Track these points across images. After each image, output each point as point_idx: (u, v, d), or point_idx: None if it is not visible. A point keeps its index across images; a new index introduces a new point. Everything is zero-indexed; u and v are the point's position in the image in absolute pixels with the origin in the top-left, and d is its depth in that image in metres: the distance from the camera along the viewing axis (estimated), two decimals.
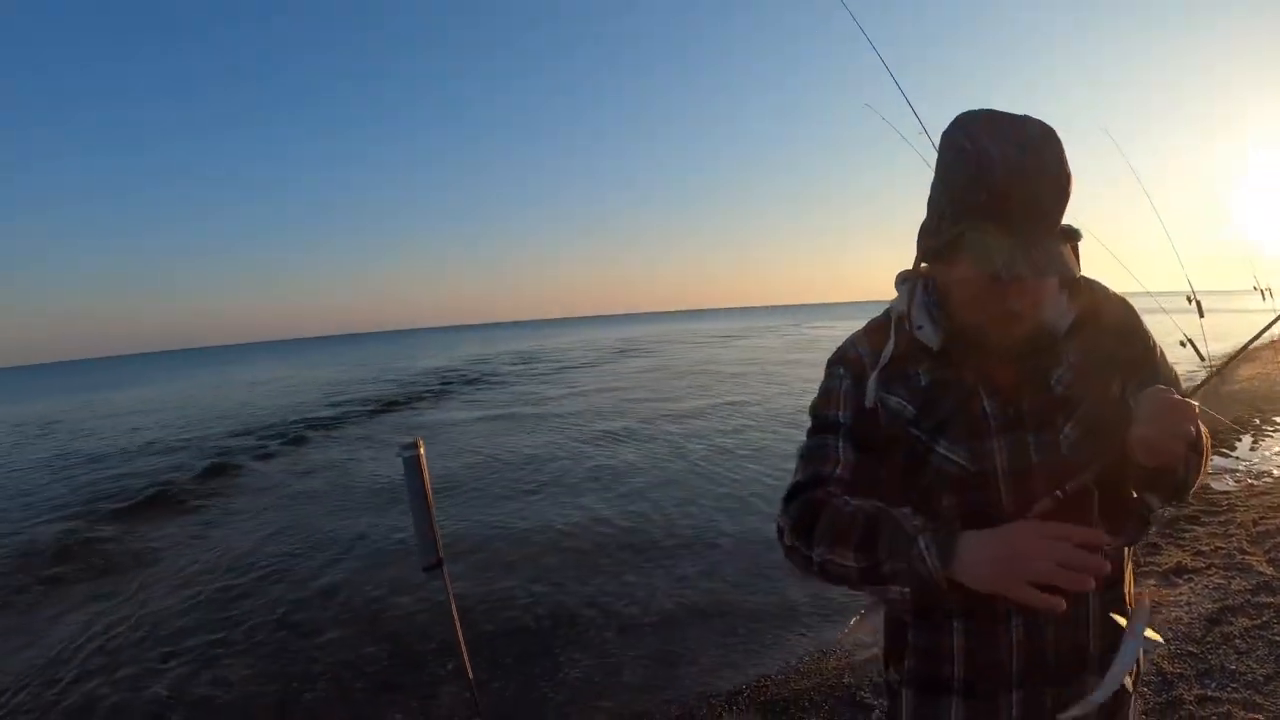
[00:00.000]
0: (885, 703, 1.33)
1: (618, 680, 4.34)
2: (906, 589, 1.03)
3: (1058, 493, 1.04)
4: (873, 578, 1.03)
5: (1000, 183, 0.95)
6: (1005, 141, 0.95)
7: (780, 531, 1.15)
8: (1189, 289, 5.32)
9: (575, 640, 4.92)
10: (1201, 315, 5.27)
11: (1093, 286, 1.17)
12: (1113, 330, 1.15)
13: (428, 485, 2.87)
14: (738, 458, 10.44)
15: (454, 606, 2.97)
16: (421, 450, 2.87)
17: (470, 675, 3.05)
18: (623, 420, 14.67)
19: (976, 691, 1.14)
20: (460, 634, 2.94)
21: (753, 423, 13.15)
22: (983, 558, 0.95)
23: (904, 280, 1.20)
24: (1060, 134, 0.99)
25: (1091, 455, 1.06)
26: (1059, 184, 0.97)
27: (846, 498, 1.10)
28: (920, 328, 1.13)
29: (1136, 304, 1.18)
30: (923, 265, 1.15)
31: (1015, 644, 1.11)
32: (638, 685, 4.27)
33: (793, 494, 1.16)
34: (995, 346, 1.09)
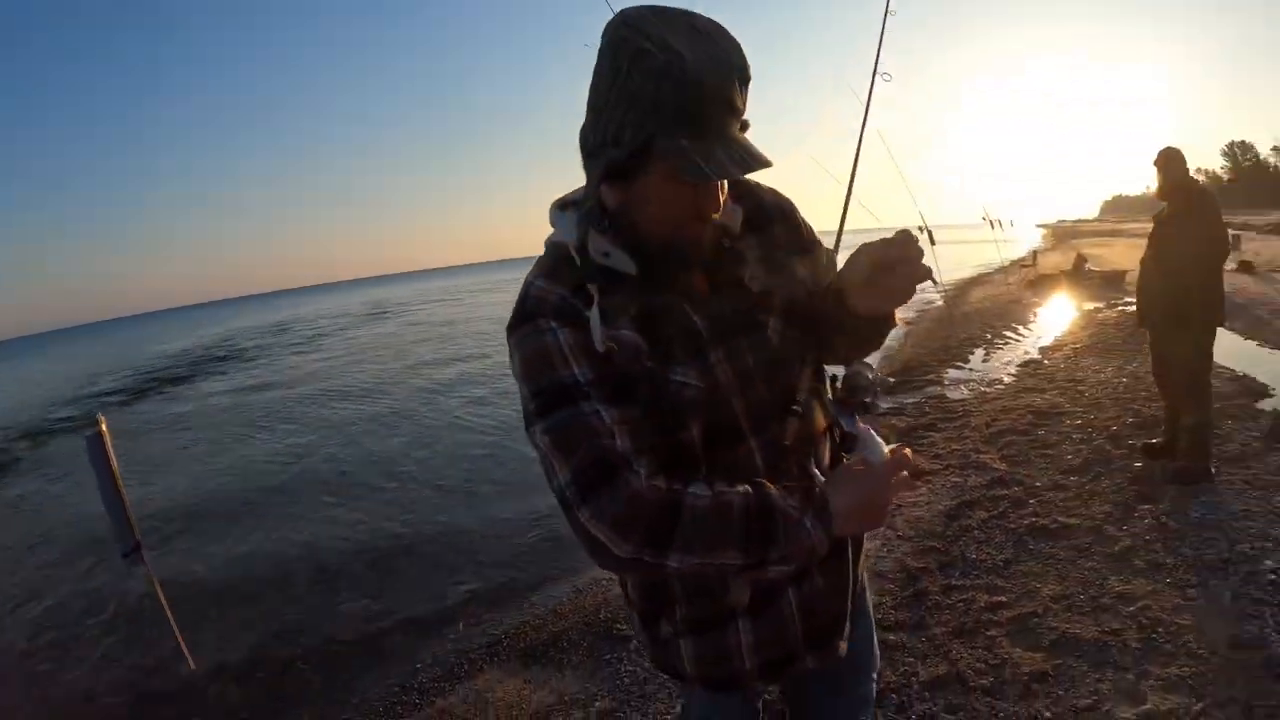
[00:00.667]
0: (647, 646, 1.37)
1: (374, 649, 4.50)
2: (794, 565, 1.09)
3: (795, 407, 1.22)
4: (756, 567, 1.06)
5: (694, 82, 0.97)
6: (690, 39, 0.97)
7: (595, 544, 1.05)
8: (921, 220, 6.02)
9: (321, 615, 5.10)
10: (933, 243, 5.98)
11: (749, 183, 1.26)
12: (778, 218, 1.27)
13: (114, 465, 2.97)
14: (484, 419, 10.96)
15: (159, 590, 3.13)
16: (104, 427, 2.98)
17: (191, 665, 3.38)
18: (370, 387, 15.45)
19: (758, 605, 1.23)
20: (173, 618, 3.19)
21: (503, 383, 13.49)
22: (854, 511, 1.10)
23: (564, 207, 1.18)
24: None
25: (802, 341, 1.23)
26: (745, 77, 1.02)
27: (694, 490, 1.05)
28: (608, 254, 1.11)
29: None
30: (599, 185, 1.12)
31: None
32: (395, 652, 4.42)
33: (589, 490, 1.04)
34: (687, 257, 1.13)
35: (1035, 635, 3.25)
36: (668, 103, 0.98)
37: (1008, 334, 12.18)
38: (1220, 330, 4.69)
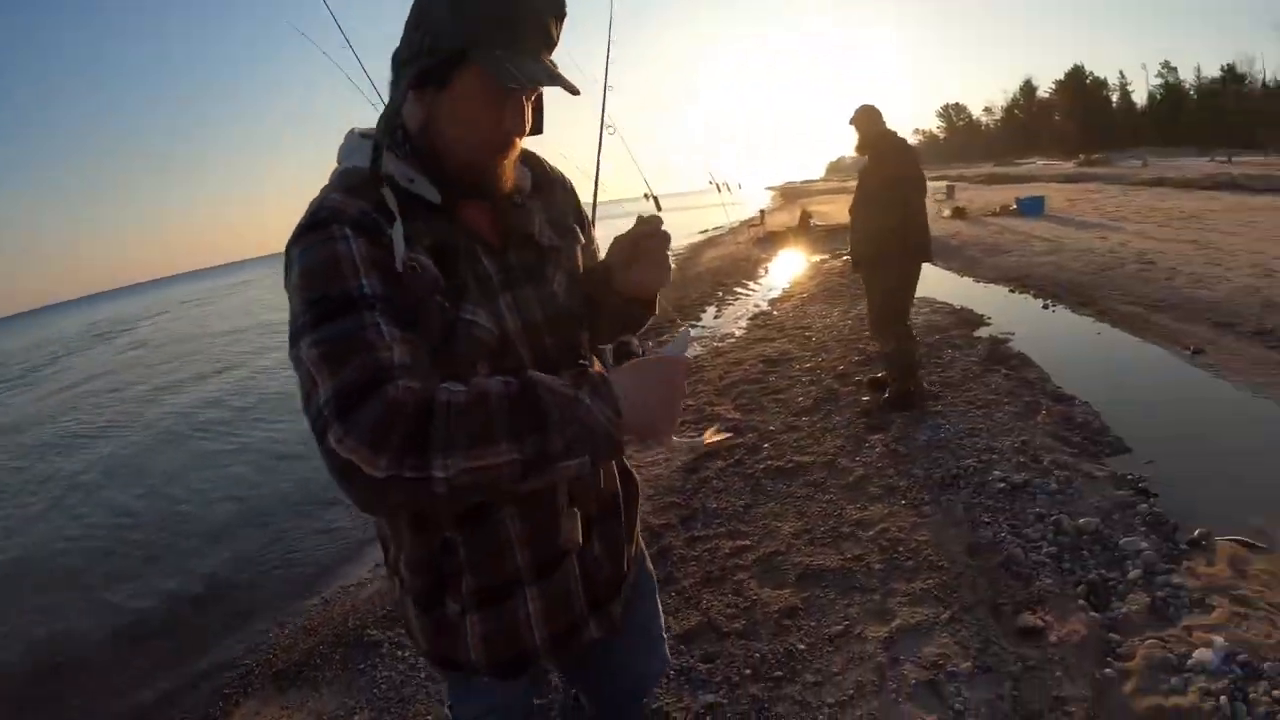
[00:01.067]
0: (423, 636, 1.35)
1: (127, 713, 4.14)
2: (587, 457, 1.02)
3: (581, 362, 1.32)
4: (541, 465, 0.99)
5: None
6: None
7: (348, 468, 0.95)
8: (647, 188, 6.39)
9: (65, 695, 4.61)
10: (660, 209, 6.35)
11: (534, 153, 1.40)
12: (561, 189, 1.43)
13: None
14: (232, 433, 10.53)
15: None
16: None
17: None
18: (104, 425, 13.77)
19: (544, 570, 1.29)
20: None
21: (252, 396, 13.26)
22: (643, 398, 1.05)
23: (364, 136, 1.23)
24: None
25: (582, 301, 1.35)
26: (562, 13, 1.17)
27: (448, 386, 1.00)
28: (412, 180, 1.17)
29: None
30: (405, 96, 1.19)
31: (564, 508, 1.29)
32: (149, 711, 4.09)
33: (348, 407, 0.97)
34: (487, 186, 1.23)
35: (781, 573, 3.35)
36: (489, 13, 1.09)
37: (739, 290, 12.97)
38: (939, 270, 5.23)
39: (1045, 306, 8.41)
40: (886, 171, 4.97)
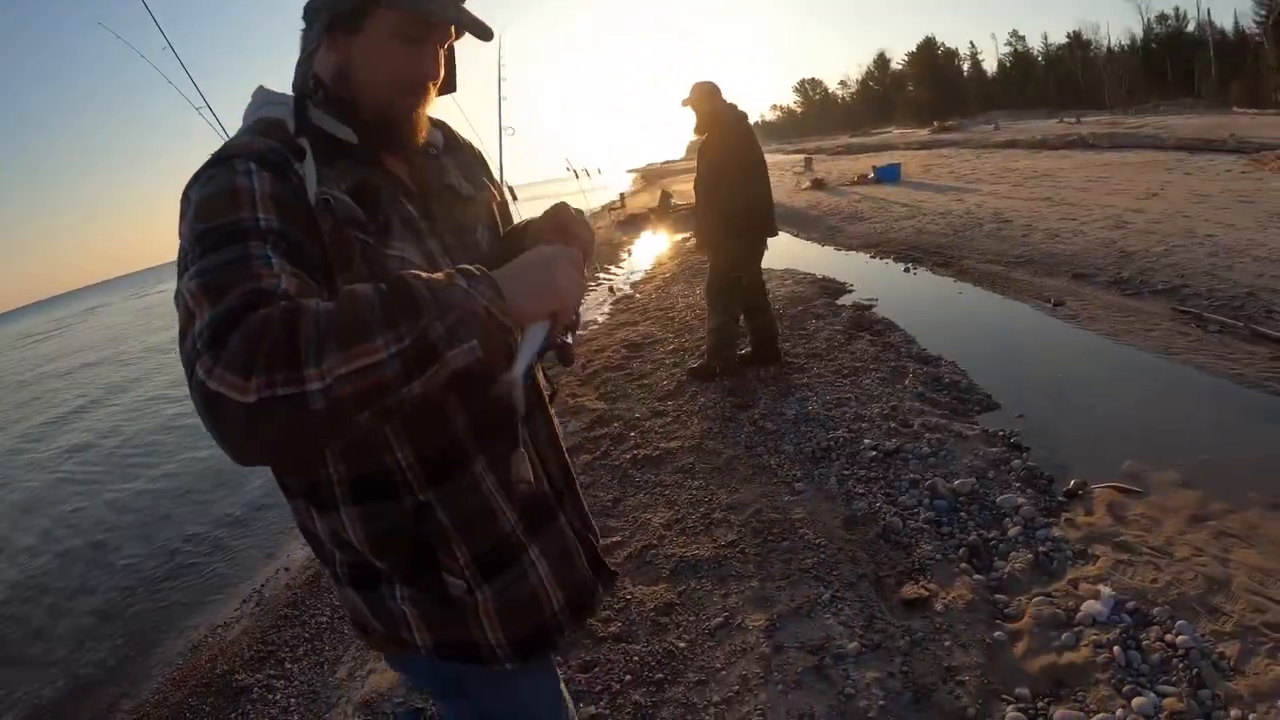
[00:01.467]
0: (429, 629, 1.26)
1: None
2: (474, 342, 0.96)
3: None
4: (424, 357, 0.93)
5: None
6: None
7: (216, 400, 0.87)
8: (501, 180, 6.54)
9: None
10: (515, 199, 6.61)
11: (443, 120, 1.43)
12: (470, 153, 1.49)
13: None
14: (93, 480, 9.71)
15: None
16: None
17: None
18: None
19: (535, 526, 1.30)
20: None
21: (131, 425, 12.50)
22: (523, 281, 1.06)
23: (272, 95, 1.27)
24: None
25: (500, 253, 1.36)
26: None
27: (318, 299, 0.96)
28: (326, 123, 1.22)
29: None
30: (318, 44, 1.24)
31: (532, 461, 1.24)
32: None
33: (222, 335, 0.90)
34: (402, 133, 1.25)
35: (655, 568, 3.27)
36: None
37: (601, 275, 12.93)
38: (801, 240, 5.34)
39: (906, 270, 8.73)
40: (723, 154, 5.09)
